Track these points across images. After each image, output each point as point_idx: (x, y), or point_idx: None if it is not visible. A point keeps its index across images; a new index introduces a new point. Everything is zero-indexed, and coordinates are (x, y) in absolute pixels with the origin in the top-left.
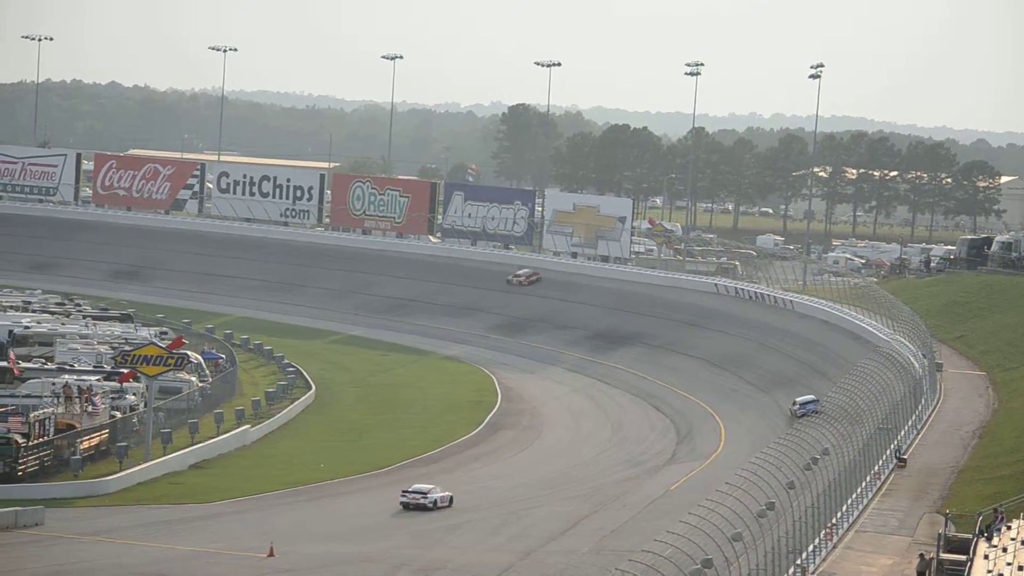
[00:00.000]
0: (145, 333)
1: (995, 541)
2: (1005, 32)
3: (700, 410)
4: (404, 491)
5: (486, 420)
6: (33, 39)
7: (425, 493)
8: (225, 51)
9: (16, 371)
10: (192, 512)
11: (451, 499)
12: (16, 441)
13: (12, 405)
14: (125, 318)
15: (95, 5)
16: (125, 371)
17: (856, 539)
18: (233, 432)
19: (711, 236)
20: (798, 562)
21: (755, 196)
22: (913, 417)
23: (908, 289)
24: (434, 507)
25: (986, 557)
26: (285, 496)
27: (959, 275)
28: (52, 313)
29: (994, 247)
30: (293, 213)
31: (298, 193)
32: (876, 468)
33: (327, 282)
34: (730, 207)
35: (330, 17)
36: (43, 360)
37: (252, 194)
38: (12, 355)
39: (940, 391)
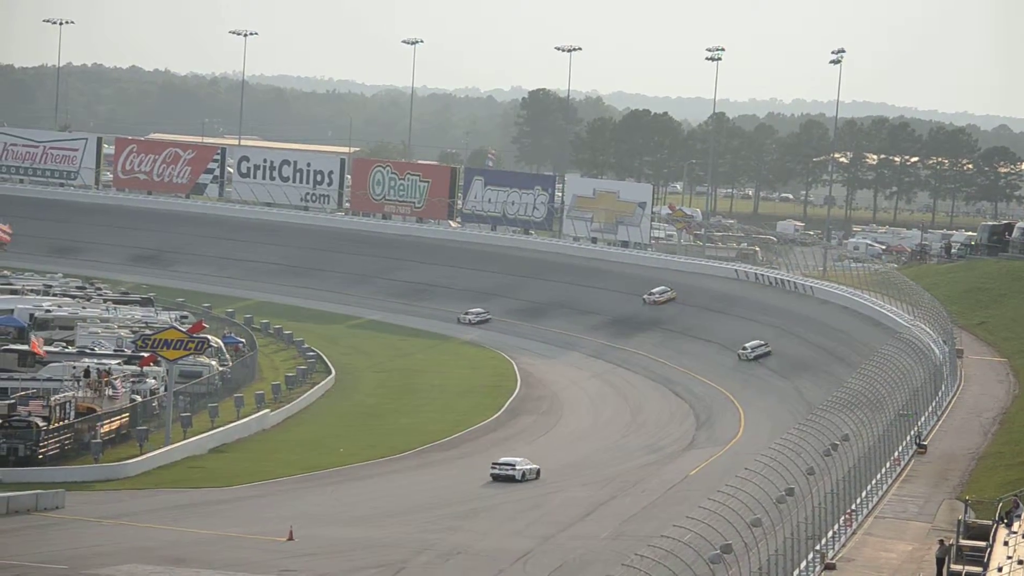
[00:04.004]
0: (165, 317)
1: (1015, 527)
2: None
3: (719, 396)
4: (494, 463)
5: (505, 405)
6: (54, 23)
7: (514, 465)
8: (246, 35)
9: (42, 353)
10: (212, 496)
11: (538, 471)
12: (37, 424)
13: (33, 389)
14: (145, 302)
15: None
16: (145, 355)
17: (876, 525)
18: (253, 416)
19: (731, 222)
20: (817, 548)
21: (775, 182)
22: (933, 403)
23: (928, 275)
24: (522, 479)
25: (1006, 543)
26: (305, 480)
27: (980, 261)
28: (73, 297)
29: (1015, 233)
30: (313, 198)
31: (318, 178)
32: (896, 454)
33: (347, 267)
34: (750, 193)
35: (351, 1)
36: (64, 344)
37: (272, 178)
38: (35, 339)
39: (960, 377)
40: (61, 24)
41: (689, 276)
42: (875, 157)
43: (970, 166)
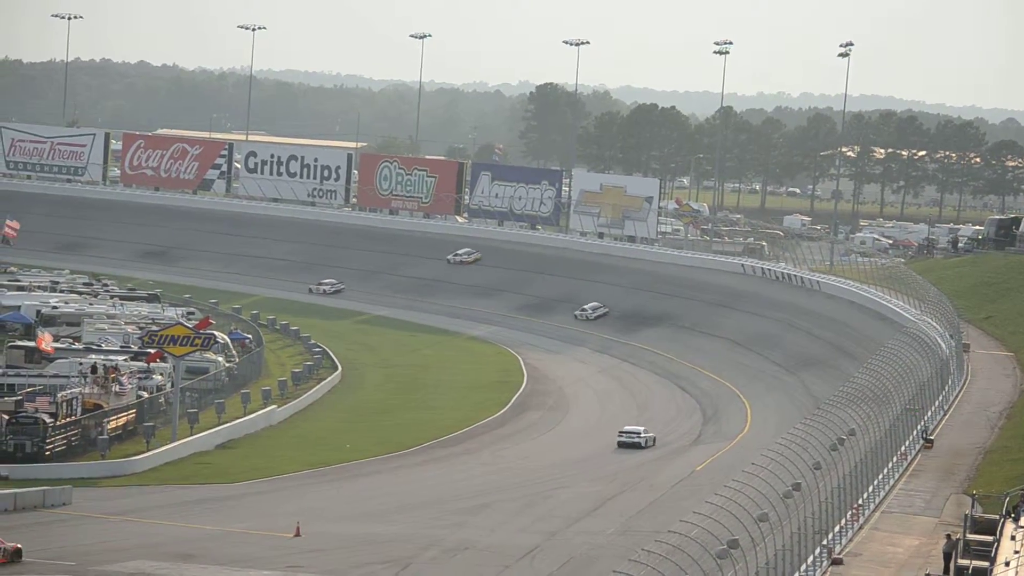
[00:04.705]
0: (172, 313)
1: (1022, 522)
2: None
3: (726, 391)
4: (620, 431)
5: (512, 401)
6: (62, 18)
7: (639, 433)
8: (254, 30)
9: (49, 350)
10: (219, 492)
11: (655, 439)
12: (44, 421)
13: (40, 385)
14: (152, 298)
15: None
16: (152, 351)
17: (882, 520)
18: (260, 412)
19: (738, 216)
20: (824, 543)
21: (783, 176)
22: (940, 398)
23: (936, 270)
24: (645, 445)
25: (1013, 538)
26: (312, 476)
27: (987, 255)
28: (80, 293)
29: (1022, 227)
30: (320, 193)
31: (325, 173)
32: (903, 449)
33: (354, 262)
34: (757, 187)
35: None
36: (71, 340)
37: (280, 174)
38: (41, 336)
39: (967, 372)
40: (69, 19)
41: (696, 271)
42: (882, 151)
43: (978, 160)
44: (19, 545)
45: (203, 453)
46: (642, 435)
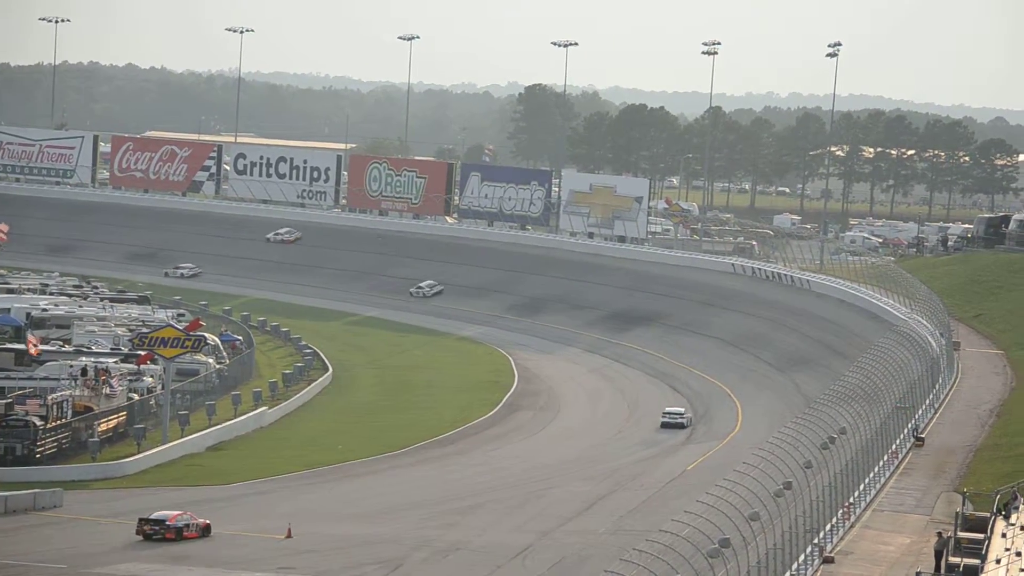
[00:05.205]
0: (162, 315)
1: (1013, 519)
2: None
3: (717, 390)
4: (664, 412)
5: (503, 401)
6: (50, 21)
7: (681, 414)
8: (242, 32)
9: (35, 352)
10: (210, 494)
11: (691, 419)
12: (34, 423)
13: (30, 387)
14: (142, 300)
15: None
16: (142, 353)
17: (874, 518)
18: (250, 414)
19: (728, 216)
20: (815, 541)
21: (772, 175)
22: (931, 396)
23: (925, 268)
24: (687, 425)
25: (1004, 536)
26: (303, 477)
27: (976, 254)
28: (70, 295)
29: (1012, 225)
30: (310, 194)
31: (315, 174)
32: (893, 447)
33: (344, 263)
34: (747, 187)
35: None
36: (61, 343)
37: (269, 175)
38: (31, 338)
39: (957, 370)
40: (57, 22)
41: (686, 270)
42: (872, 150)
43: (967, 159)
44: (208, 522)
45: (194, 455)
46: (684, 415)
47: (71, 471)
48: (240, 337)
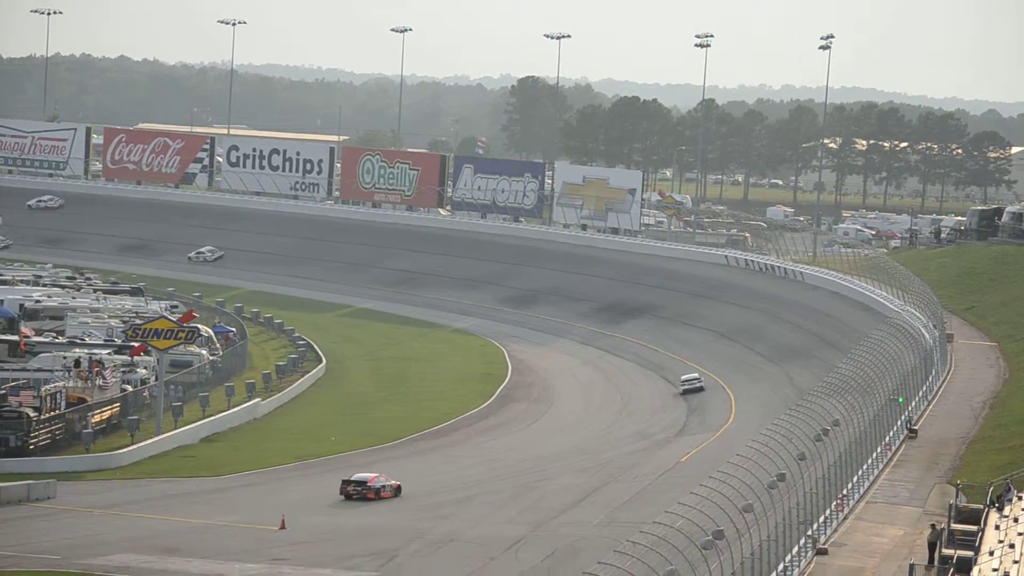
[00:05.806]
0: (156, 307)
1: (1006, 511)
2: (1019, 2)
3: (710, 382)
4: (682, 380)
5: (497, 393)
6: (42, 13)
7: (697, 378)
8: (234, 24)
9: (22, 345)
10: (204, 485)
11: (702, 386)
12: (27, 415)
13: (23, 379)
14: (135, 292)
15: None
16: (136, 344)
17: (867, 510)
18: (244, 405)
19: (721, 208)
20: (809, 533)
21: (765, 168)
22: (924, 388)
23: (918, 260)
24: (704, 388)
25: (997, 527)
26: (297, 469)
27: (969, 246)
28: (63, 287)
29: (1004, 218)
30: (303, 186)
31: (308, 166)
32: (887, 439)
33: (337, 255)
34: (740, 179)
35: None
36: (54, 334)
37: (262, 167)
38: (24, 329)
39: (951, 362)
40: (49, 14)
41: (679, 262)
42: (864, 143)
43: (959, 151)
44: (400, 483)
45: (187, 446)
46: (700, 380)
47: (64, 462)
48: (233, 328)
